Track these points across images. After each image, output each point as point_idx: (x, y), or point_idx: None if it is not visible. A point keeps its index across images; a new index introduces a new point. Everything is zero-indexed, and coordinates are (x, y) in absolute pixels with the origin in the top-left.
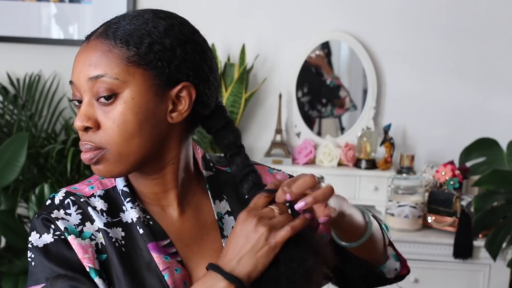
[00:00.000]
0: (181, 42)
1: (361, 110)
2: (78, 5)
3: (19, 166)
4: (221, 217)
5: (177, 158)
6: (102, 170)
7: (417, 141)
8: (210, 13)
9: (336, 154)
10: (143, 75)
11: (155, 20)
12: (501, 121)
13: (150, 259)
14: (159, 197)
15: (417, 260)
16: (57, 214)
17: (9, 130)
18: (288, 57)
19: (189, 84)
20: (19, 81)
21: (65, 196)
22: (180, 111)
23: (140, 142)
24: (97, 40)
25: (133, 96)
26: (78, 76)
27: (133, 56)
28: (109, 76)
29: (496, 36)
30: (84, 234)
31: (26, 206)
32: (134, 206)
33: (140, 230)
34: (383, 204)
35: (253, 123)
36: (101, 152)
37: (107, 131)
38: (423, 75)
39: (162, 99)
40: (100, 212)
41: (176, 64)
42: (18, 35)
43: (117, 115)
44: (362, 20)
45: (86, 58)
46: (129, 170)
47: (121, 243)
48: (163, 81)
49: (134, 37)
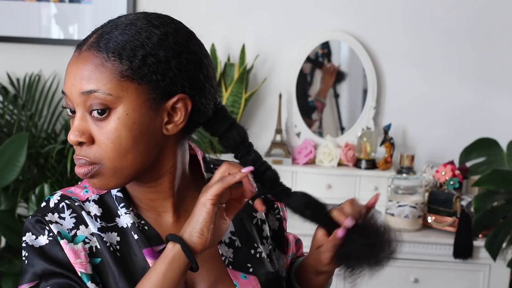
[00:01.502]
0: (176, 53)
1: (361, 110)
2: (78, 5)
3: (19, 166)
4: None
5: (173, 167)
6: (97, 184)
7: (417, 141)
8: (210, 13)
9: (336, 154)
10: (136, 89)
11: (149, 29)
12: (501, 121)
13: (146, 264)
14: (155, 204)
15: (417, 260)
16: (51, 217)
17: (9, 130)
18: (288, 57)
19: (185, 96)
20: (19, 81)
21: (60, 200)
22: (175, 123)
23: (135, 156)
24: (89, 52)
25: (127, 111)
26: (70, 89)
27: (126, 71)
28: (102, 92)
29: (496, 36)
30: (77, 238)
31: (26, 206)
32: (128, 211)
33: (135, 235)
34: (383, 204)
35: (253, 123)
36: (96, 167)
37: (101, 147)
38: (423, 75)
39: (156, 112)
40: (94, 217)
41: (171, 76)
42: (18, 35)
43: (110, 131)
44: (362, 20)
45: (77, 70)
46: (124, 183)
47: (116, 248)
48: (157, 95)
49: (127, 49)
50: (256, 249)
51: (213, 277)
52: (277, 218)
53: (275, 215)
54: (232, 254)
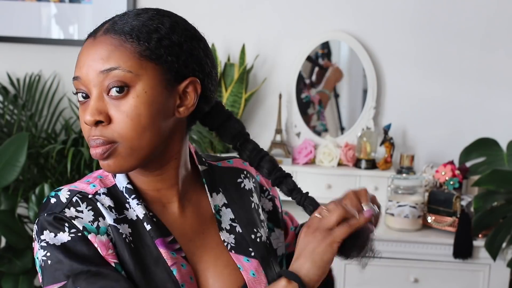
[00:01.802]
0: (187, 37)
1: (361, 110)
2: (78, 5)
3: (19, 166)
4: (219, 210)
5: (179, 153)
6: (113, 165)
7: (417, 141)
8: (210, 13)
9: (336, 154)
10: (154, 69)
11: (159, 17)
12: (501, 121)
13: (158, 254)
14: (160, 194)
15: (417, 260)
16: (69, 213)
17: (9, 130)
18: (288, 57)
19: (195, 79)
20: (19, 81)
21: (70, 194)
22: (187, 106)
23: (152, 136)
24: (106, 36)
25: (145, 89)
26: (87, 70)
27: (145, 51)
28: (123, 69)
29: (496, 36)
30: (101, 230)
31: (26, 206)
32: (139, 202)
33: (147, 226)
34: (383, 204)
35: (253, 123)
36: (113, 146)
37: (120, 125)
38: (423, 75)
39: (171, 93)
40: (108, 208)
41: (183, 59)
42: (18, 35)
43: (130, 108)
44: (362, 20)
45: (96, 52)
46: (137, 165)
47: (130, 239)
48: (172, 76)
49: (143, 32)
50: (256, 233)
51: (219, 263)
52: (269, 198)
53: (266, 197)
54: (233, 240)
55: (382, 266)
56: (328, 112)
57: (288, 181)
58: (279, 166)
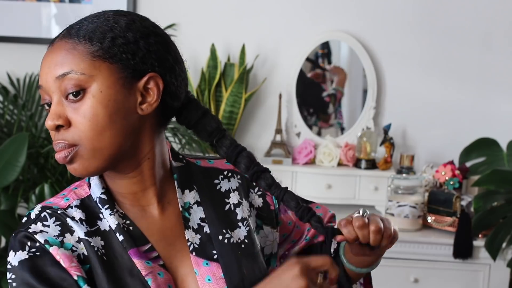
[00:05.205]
0: (144, 34)
1: (361, 110)
2: (78, 5)
3: (19, 166)
4: (189, 207)
5: (151, 152)
6: (78, 168)
7: (417, 141)
8: (210, 13)
9: (336, 154)
10: (109, 68)
11: (116, 17)
12: (501, 121)
13: (132, 265)
14: (138, 197)
15: (417, 260)
16: (34, 228)
17: (9, 130)
18: (288, 57)
19: (155, 74)
20: (19, 81)
21: (41, 210)
22: (149, 102)
23: (112, 135)
24: (61, 41)
25: (101, 89)
26: (46, 78)
27: (98, 51)
28: (76, 72)
29: (496, 36)
30: (65, 245)
31: (26, 206)
32: (112, 212)
33: (120, 237)
34: (383, 204)
35: (253, 123)
36: (75, 149)
37: (79, 127)
38: (423, 75)
39: (130, 91)
40: (79, 221)
41: (140, 56)
42: (18, 35)
43: (87, 110)
44: (362, 20)
45: (52, 59)
46: (104, 166)
47: (102, 251)
48: (129, 73)
49: (96, 33)
50: (224, 234)
51: (176, 263)
52: (259, 194)
53: (256, 192)
54: (198, 240)
55: (382, 266)
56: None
57: (266, 176)
58: (256, 161)
